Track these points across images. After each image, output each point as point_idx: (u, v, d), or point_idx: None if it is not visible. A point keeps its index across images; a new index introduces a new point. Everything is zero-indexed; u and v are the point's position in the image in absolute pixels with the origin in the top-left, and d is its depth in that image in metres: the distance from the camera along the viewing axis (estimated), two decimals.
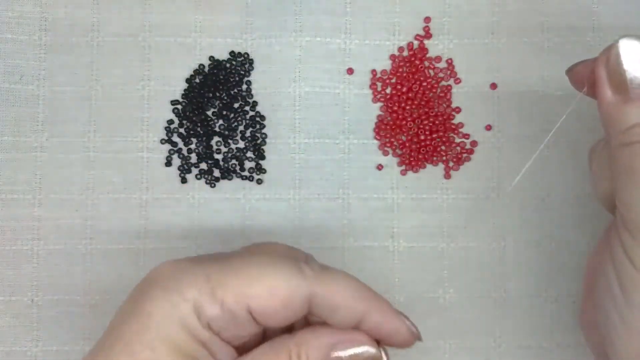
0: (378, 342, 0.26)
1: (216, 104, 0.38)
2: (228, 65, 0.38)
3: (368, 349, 0.25)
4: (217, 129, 0.38)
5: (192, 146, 0.37)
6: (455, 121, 0.38)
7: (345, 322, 0.25)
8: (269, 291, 0.24)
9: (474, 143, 0.38)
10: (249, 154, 0.37)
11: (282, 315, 0.24)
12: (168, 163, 0.37)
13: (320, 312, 0.25)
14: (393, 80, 0.38)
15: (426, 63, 0.38)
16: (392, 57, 0.38)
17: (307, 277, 0.25)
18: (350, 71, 0.38)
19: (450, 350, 0.37)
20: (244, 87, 0.38)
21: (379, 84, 0.38)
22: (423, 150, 0.37)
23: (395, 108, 0.37)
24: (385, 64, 0.38)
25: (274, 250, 0.28)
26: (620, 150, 0.25)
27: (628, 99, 0.25)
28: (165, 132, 0.37)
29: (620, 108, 0.25)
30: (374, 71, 0.38)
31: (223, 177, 0.37)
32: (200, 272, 0.24)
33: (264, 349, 0.25)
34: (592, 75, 0.26)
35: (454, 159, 0.37)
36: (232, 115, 0.37)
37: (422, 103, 0.38)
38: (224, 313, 0.24)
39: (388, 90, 0.38)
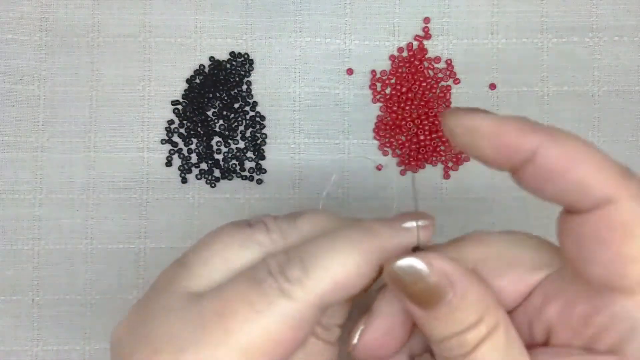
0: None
1: (216, 104, 0.38)
2: (228, 65, 0.38)
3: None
4: (217, 129, 0.38)
5: (193, 146, 0.37)
6: None
7: None
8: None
9: None
10: (249, 154, 0.37)
11: None
12: (168, 163, 0.37)
13: None
14: (392, 81, 0.38)
15: (425, 63, 0.38)
16: (392, 57, 0.38)
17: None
18: (350, 71, 0.38)
19: None
20: (244, 87, 0.38)
21: (379, 85, 0.38)
22: (422, 150, 0.37)
23: (395, 108, 0.37)
24: (384, 65, 0.38)
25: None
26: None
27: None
28: (165, 132, 0.37)
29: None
30: (373, 72, 0.38)
31: (223, 177, 0.37)
32: None
33: None
34: None
35: (453, 159, 0.37)
36: (232, 115, 0.37)
37: (422, 103, 0.38)
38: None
39: (387, 91, 0.38)
